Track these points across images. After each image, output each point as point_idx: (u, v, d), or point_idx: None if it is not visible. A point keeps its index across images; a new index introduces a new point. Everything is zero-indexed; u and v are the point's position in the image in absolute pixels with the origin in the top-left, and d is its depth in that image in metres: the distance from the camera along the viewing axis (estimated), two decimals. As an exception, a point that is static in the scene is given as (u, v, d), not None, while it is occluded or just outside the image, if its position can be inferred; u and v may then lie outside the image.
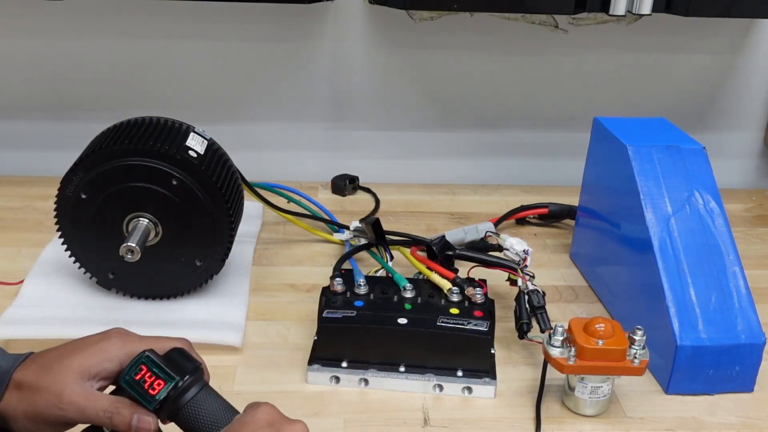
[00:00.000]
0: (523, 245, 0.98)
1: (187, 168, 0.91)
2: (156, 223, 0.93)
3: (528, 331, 0.90)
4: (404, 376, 0.86)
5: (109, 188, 0.91)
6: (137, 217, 0.92)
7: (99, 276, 0.97)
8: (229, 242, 0.96)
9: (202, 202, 0.92)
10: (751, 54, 1.41)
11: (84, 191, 0.91)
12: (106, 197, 0.91)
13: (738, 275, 0.90)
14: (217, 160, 0.96)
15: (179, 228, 0.93)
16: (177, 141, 0.92)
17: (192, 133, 0.96)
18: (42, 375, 0.61)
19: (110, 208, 0.92)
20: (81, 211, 0.92)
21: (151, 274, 0.95)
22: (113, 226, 0.93)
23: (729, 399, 0.88)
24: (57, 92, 1.35)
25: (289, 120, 1.40)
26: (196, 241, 0.94)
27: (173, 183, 0.91)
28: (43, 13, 1.28)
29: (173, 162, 0.90)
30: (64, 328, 0.91)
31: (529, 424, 0.83)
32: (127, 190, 0.91)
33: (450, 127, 1.43)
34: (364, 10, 1.32)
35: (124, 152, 0.90)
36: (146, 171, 0.90)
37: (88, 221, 0.93)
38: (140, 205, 0.92)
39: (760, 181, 1.52)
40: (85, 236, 0.94)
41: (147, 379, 0.60)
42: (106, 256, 0.94)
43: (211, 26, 1.32)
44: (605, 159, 1.05)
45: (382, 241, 1.07)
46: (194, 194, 0.91)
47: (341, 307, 0.88)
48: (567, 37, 1.36)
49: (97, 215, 0.92)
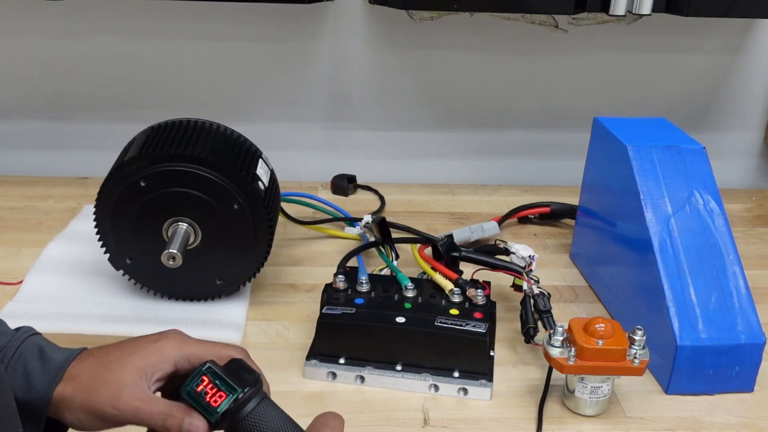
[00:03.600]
0: (529, 251, 1.00)
1: (251, 198, 0.92)
2: (196, 232, 0.93)
3: (534, 336, 0.90)
4: (400, 374, 0.86)
5: (169, 187, 0.90)
6: (180, 221, 0.92)
7: (115, 257, 0.96)
8: (254, 273, 0.97)
9: (250, 232, 0.93)
10: (751, 54, 1.41)
11: (145, 180, 0.90)
12: (163, 194, 0.91)
13: (738, 275, 0.90)
14: (275, 195, 0.98)
15: (215, 245, 0.94)
16: (246, 164, 0.93)
17: (260, 159, 0.98)
18: (101, 371, 0.61)
19: (160, 203, 0.91)
20: (132, 195, 0.91)
21: (168, 274, 0.94)
22: (154, 221, 0.92)
23: (729, 399, 0.88)
24: (57, 92, 1.35)
25: (289, 120, 1.40)
26: (226, 262, 0.95)
27: (234, 206, 0.91)
28: (43, 13, 1.28)
29: (242, 187, 0.91)
30: (63, 323, 0.91)
31: (529, 424, 0.83)
32: (185, 195, 0.91)
33: (450, 127, 1.43)
34: (364, 10, 1.32)
35: (198, 159, 0.90)
36: (213, 185, 0.90)
37: (132, 206, 0.92)
38: (189, 212, 0.92)
39: (760, 181, 1.52)
40: (122, 218, 0.93)
41: (209, 390, 0.59)
42: (132, 243, 0.94)
43: (211, 26, 1.32)
44: (605, 159, 1.05)
45: (387, 240, 1.07)
46: (246, 222, 0.92)
47: (342, 304, 0.89)
48: (567, 37, 1.36)
49: (145, 205, 0.91)
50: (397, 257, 1.05)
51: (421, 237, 1.12)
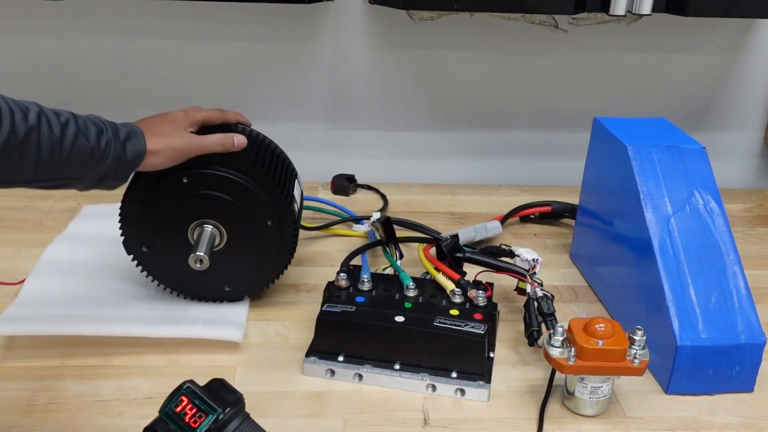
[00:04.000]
0: (533, 254, 1.00)
1: (285, 216, 0.92)
2: (222, 238, 0.93)
3: (538, 338, 0.91)
4: (399, 374, 0.86)
5: (210, 189, 0.91)
6: (207, 224, 0.92)
7: (132, 242, 0.95)
8: (263, 288, 0.98)
9: (274, 249, 0.94)
10: (751, 54, 1.41)
11: (188, 177, 0.90)
12: (201, 194, 0.91)
13: (738, 275, 0.90)
14: (301, 212, 0.99)
15: (235, 254, 0.94)
16: (287, 183, 0.94)
17: (296, 180, 0.99)
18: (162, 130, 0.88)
19: (195, 203, 0.91)
20: (171, 187, 0.91)
21: (183, 271, 0.94)
22: (183, 219, 0.92)
23: (729, 399, 0.88)
24: (57, 92, 1.35)
25: (289, 120, 1.40)
26: (240, 272, 0.96)
27: (267, 223, 0.92)
28: (43, 13, 1.28)
29: (280, 206, 0.92)
30: (64, 325, 0.91)
31: (529, 424, 0.83)
32: (223, 201, 0.91)
33: (450, 127, 1.43)
34: (364, 10, 1.32)
35: (243, 169, 0.90)
36: (253, 198, 0.91)
37: (164, 198, 0.91)
38: (220, 217, 0.92)
39: (760, 181, 1.52)
40: (152, 207, 0.92)
41: (188, 411, 0.59)
42: (154, 234, 0.94)
43: (211, 26, 1.32)
44: (605, 159, 1.05)
45: (392, 239, 1.07)
46: (273, 239, 0.93)
47: (343, 302, 0.89)
48: (567, 37, 1.36)
49: (181, 201, 0.91)
50: (401, 256, 1.05)
51: (428, 236, 1.12)
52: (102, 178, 0.82)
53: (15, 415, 0.80)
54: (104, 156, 0.80)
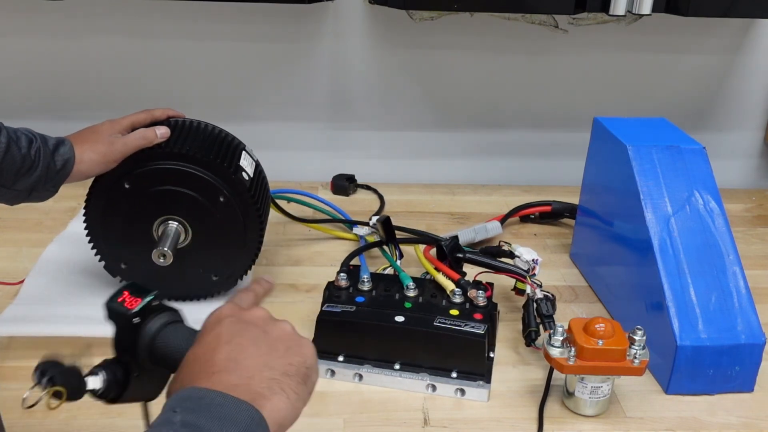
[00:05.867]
0: (533, 254, 1.00)
1: (236, 189, 0.92)
2: (186, 230, 0.93)
3: (536, 339, 0.91)
4: (398, 374, 0.86)
5: (154, 186, 0.91)
6: (169, 220, 0.92)
7: (110, 263, 0.96)
8: (249, 266, 0.97)
9: (240, 224, 0.93)
10: (751, 54, 1.41)
11: (129, 181, 0.90)
12: (148, 193, 0.91)
13: (738, 275, 0.90)
14: (261, 184, 0.98)
15: (206, 241, 0.94)
16: (229, 156, 0.93)
17: (243, 151, 0.97)
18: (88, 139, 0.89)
19: (147, 204, 0.92)
20: (117, 198, 0.91)
21: (164, 275, 0.94)
22: (143, 222, 0.93)
23: (729, 399, 0.88)
24: (57, 92, 1.35)
25: (289, 120, 1.40)
26: (219, 258, 0.95)
27: (220, 199, 0.91)
28: (43, 13, 1.28)
29: (225, 179, 0.91)
30: (63, 326, 0.91)
31: (529, 424, 0.83)
32: (171, 193, 0.91)
33: (450, 127, 1.43)
34: (364, 10, 1.32)
35: (179, 156, 0.90)
36: (197, 181, 0.90)
37: (119, 209, 0.92)
38: (176, 210, 0.92)
39: (760, 181, 1.52)
40: (112, 222, 0.93)
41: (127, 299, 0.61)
42: (125, 247, 0.94)
43: (211, 26, 1.32)
44: (605, 159, 1.05)
45: (392, 239, 1.07)
46: (234, 215, 0.92)
47: (343, 302, 0.89)
48: (567, 37, 1.36)
49: (132, 206, 0.92)
50: (401, 256, 1.05)
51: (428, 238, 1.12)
52: (32, 188, 0.84)
53: (15, 415, 0.80)
54: (35, 164, 0.83)
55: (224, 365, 0.52)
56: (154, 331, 0.61)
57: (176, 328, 0.62)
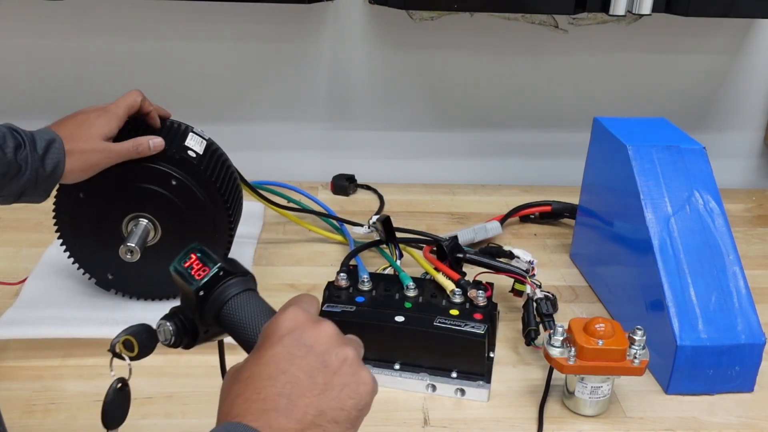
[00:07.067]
0: (528, 256, 1.01)
1: (186, 168, 0.91)
2: (155, 224, 0.92)
3: (535, 338, 0.91)
4: (399, 373, 0.86)
5: (108, 188, 0.90)
6: (137, 217, 0.92)
7: (98, 277, 0.97)
8: (229, 243, 0.96)
9: (202, 203, 0.92)
10: (751, 54, 1.41)
11: (82, 191, 0.90)
12: (105, 197, 0.91)
13: (738, 275, 0.90)
14: (216, 160, 0.96)
15: (178, 228, 0.93)
16: (176, 141, 0.92)
17: (191, 133, 0.96)
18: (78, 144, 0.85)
19: (109, 208, 0.92)
20: (79, 211, 0.92)
21: (151, 274, 0.95)
22: (112, 227, 0.92)
23: (729, 399, 0.88)
24: (57, 92, 1.35)
25: (289, 120, 1.40)
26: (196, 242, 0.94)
27: (172, 183, 0.91)
28: (43, 13, 1.28)
29: (172, 162, 0.90)
30: (64, 328, 0.91)
31: (529, 424, 0.83)
32: (126, 190, 0.91)
33: (450, 127, 1.43)
34: (364, 10, 1.32)
35: None
36: (145, 171, 0.90)
37: (86, 221, 0.92)
38: (139, 206, 0.91)
39: (760, 181, 1.52)
40: (84, 237, 0.94)
41: (194, 266, 0.60)
42: (106, 257, 0.94)
43: (211, 26, 1.32)
44: (605, 159, 1.05)
45: (392, 239, 1.07)
46: (193, 194, 0.91)
47: (343, 302, 0.89)
48: (567, 37, 1.36)
49: (96, 215, 0.92)
50: (401, 256, 1.05)
51: (426, 236, 1.12)
52: (22, 192, 0.82)
53: (15, 415, 0.80)
54: (21, 170, 0.80)
55: (276, 402, 0.50)
56: (219, 303, 0.60)
57: (243, 300, 0.60)
